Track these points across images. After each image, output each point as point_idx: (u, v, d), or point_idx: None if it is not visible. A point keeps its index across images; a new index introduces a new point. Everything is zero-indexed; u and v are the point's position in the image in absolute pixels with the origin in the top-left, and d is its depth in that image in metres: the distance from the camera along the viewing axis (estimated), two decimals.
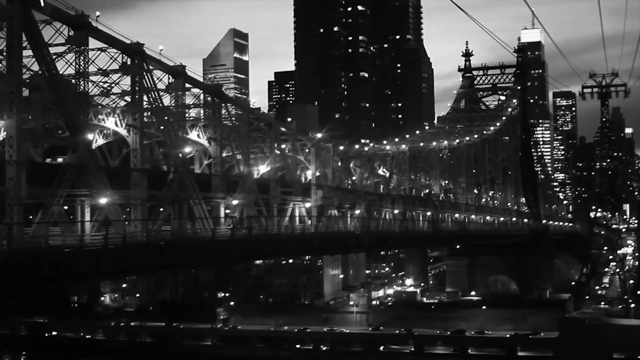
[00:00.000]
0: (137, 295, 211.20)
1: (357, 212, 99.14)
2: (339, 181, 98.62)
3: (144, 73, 61.02)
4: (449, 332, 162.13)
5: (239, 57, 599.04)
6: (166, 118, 64.03)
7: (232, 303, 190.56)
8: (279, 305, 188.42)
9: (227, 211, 77.12)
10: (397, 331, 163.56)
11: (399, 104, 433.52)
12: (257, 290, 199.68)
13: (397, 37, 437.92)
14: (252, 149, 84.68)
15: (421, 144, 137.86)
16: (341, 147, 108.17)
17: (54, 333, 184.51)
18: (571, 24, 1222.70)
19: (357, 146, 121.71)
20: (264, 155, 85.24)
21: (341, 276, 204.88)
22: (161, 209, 65.90)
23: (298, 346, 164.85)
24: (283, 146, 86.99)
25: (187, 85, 70.58)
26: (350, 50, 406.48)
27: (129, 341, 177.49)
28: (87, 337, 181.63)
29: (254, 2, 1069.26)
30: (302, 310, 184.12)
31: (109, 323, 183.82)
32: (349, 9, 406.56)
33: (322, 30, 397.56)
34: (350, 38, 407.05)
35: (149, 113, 64.41)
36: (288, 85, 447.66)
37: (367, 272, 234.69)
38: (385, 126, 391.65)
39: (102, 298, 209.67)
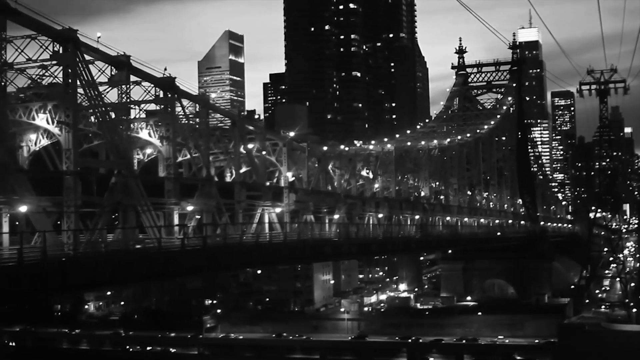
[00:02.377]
0: (122, 303, 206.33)
1: (336, 216, 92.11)
2: (316, 184, 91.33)
3: (79, 63, 53.94)
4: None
5: (235, 60, 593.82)
6: (107, 115, 56.83)
7: (219, 311, 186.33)
8: (267, 313, 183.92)
9: (197, 216, 70.62)
10: None
11: (393, 104, 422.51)
12: (246, 297, 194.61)
13: (390, 35, 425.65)
14: (217, 149, 77.76)
15: (408, 144, 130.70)
16: (325, 147, 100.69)
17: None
18: (570, 24, 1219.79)
19: (342, 146, 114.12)
20: (228, 156, 77.93)
21: (332, 282, 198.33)
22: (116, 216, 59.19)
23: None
24: (250, 146, 79.69)
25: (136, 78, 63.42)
26: (342, 49, 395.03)
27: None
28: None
29: (251, 5, 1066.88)
30: (292, 318, 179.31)
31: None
32: (341, 7, 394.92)
33: (312, 29, 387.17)
34: (342, 37, 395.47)
35: (92, 110, 57.41)
36: (283, 87, 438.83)
37: (361, 276, 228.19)
38: (379, 127, 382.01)
39: (86, 306, 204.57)
